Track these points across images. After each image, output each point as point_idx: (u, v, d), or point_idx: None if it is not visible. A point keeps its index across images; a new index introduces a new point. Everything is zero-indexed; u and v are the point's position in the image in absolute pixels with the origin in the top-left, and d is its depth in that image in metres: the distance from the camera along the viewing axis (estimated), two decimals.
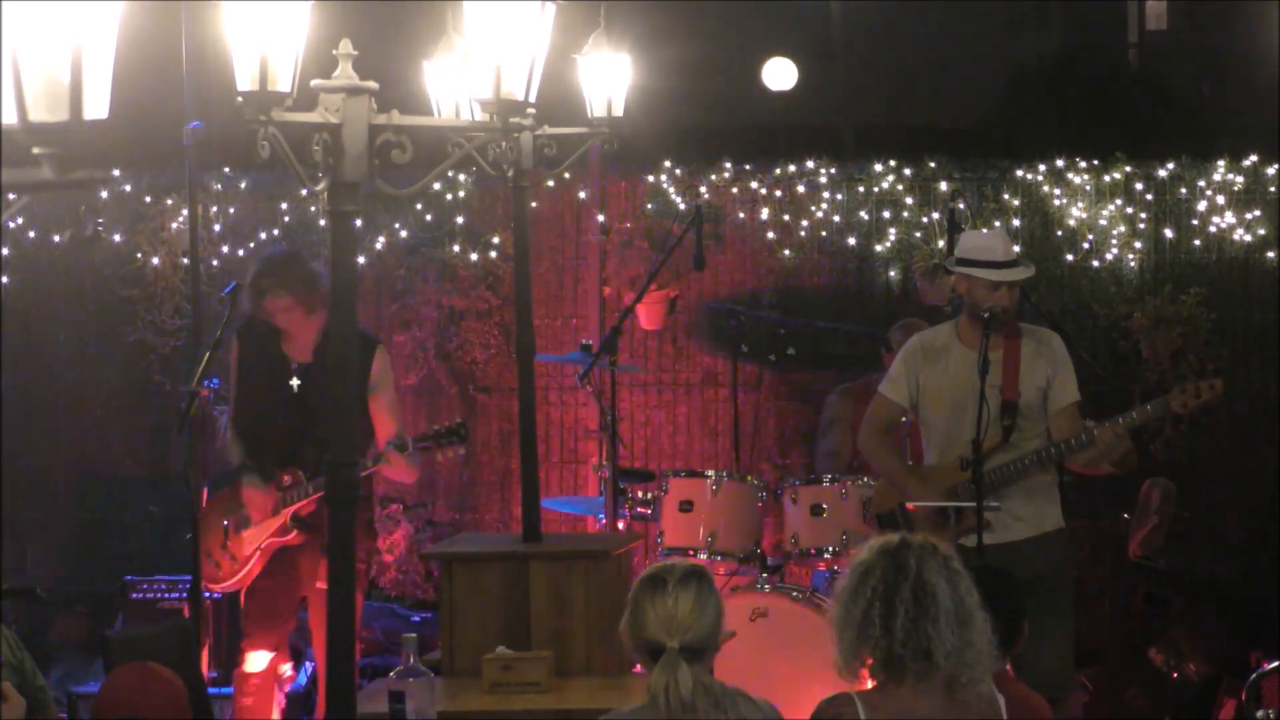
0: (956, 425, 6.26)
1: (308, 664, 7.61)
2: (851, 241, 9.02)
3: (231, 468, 6.88)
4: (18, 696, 4.46)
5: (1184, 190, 8.92)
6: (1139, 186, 8.91)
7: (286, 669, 6.90)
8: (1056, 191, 8.94)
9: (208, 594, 6.93)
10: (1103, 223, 8.91)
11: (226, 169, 9.07)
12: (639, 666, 4.70)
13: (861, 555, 3.89)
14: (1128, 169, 8.93)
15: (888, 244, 8.98)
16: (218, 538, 6.83)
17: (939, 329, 6.56)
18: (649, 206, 9.07)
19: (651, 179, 9.09)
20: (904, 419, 6.87)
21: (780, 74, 14.37)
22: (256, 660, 6.73)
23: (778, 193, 9.06)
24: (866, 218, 9.02)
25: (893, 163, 9.03)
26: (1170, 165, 8.93)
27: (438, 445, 6.76)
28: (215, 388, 7.25)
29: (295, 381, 6.81)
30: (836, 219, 9.03)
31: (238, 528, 6.73)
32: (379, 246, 9.04)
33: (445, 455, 7.40)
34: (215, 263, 8.93)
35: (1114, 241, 8.91)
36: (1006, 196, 8.96)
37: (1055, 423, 6.31)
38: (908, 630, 3.75)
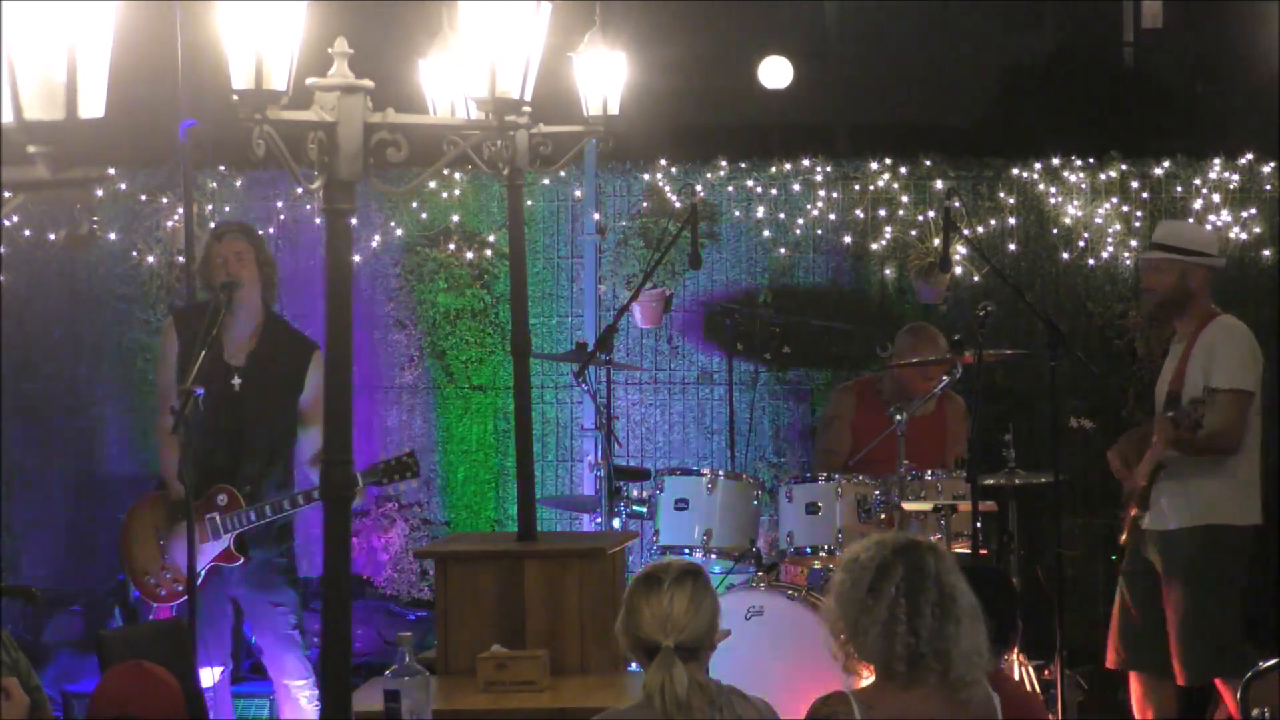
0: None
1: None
2: (847, 240, 9.02)
3: (162, 474, 6.62)
4: (22, 694, 4.46)
5: (1179, 188, 8.91)
6: (1134, 185, 8.91)
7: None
8: (1052, 190, 8.94)
9: (152, 607, 6.65)
10: (1098, 221, 8.91)
11: (222, 167, 9.06)
12: (635, 665, 4.71)
13: (871, 552, 3.84)
14: (1123, 167, 8.93)
15: (883, 242, 8.98)
16: (153, 554, 6.58)
17: None
18: (644, 204, 9.06)
19: (647, 177, 9.08)
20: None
21: (776, 72, 14.38)
22: (207, 675, 6.65)
23: (773, 191, 9.06)
24: (862, 216, 9.02)
25: (888, 161, 9.03)
26: (1166, 163, 8.93)
27: (387, 479, 6.50)
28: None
29: (236, 381, 6.62)
30: (832, 217, 9.03)
31: (173, 544, 6.49)
32: (374, 245, 9.03)
33: (399, 487, 7.12)
34: None
35: (1109, 240, 8.91)
36: (1002, 195, 8.97)
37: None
38: (933, 630, 3.74)
